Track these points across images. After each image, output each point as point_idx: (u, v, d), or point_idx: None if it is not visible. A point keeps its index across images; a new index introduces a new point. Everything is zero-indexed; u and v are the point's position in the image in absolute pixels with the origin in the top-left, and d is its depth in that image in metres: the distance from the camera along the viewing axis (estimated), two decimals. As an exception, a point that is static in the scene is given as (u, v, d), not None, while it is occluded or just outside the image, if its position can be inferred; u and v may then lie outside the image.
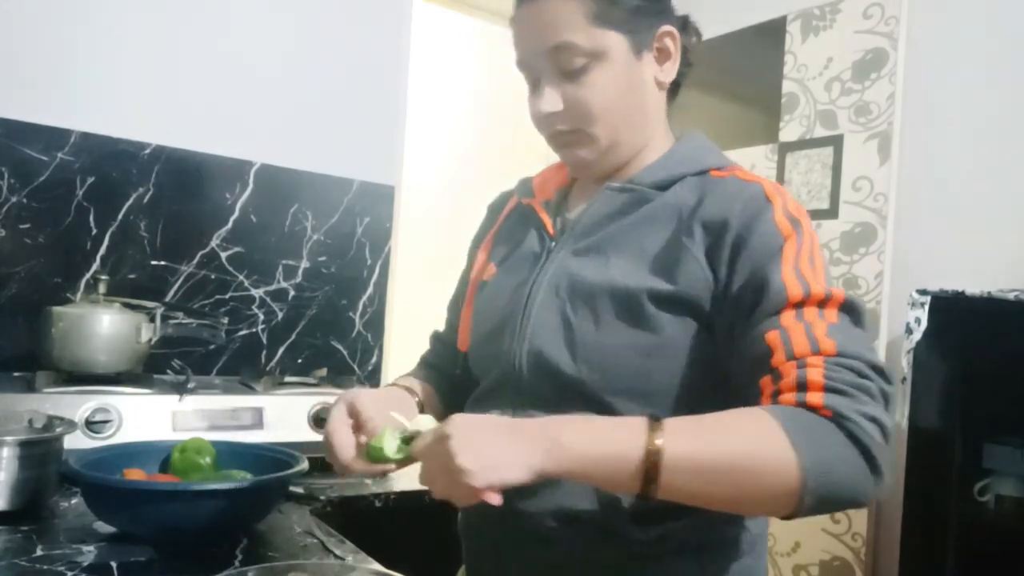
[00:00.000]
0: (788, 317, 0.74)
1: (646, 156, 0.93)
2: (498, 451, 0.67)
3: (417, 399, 1.00)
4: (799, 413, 0.68)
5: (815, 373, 0.70)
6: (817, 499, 0.69)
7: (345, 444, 0.86)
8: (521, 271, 0.95)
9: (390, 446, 0.80)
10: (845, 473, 0.68)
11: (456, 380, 1.07)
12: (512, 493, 0.70)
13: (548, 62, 0.87)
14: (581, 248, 0.90)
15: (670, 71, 0.91)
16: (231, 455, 1.13)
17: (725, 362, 0.80)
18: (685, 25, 0.94)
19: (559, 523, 0.83)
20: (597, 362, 0.83)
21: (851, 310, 0.76)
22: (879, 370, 0.71)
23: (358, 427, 0.87)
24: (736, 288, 0.79)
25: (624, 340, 0.82)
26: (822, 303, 0.75)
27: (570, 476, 0.69)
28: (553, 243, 0.94)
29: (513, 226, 1.03)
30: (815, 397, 0.69)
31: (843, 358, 0.71)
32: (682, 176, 0.90)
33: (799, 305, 0.75)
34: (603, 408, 0.82)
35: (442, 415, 0.90)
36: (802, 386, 0.70)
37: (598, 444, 0.68)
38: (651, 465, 0.66)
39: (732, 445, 0.68)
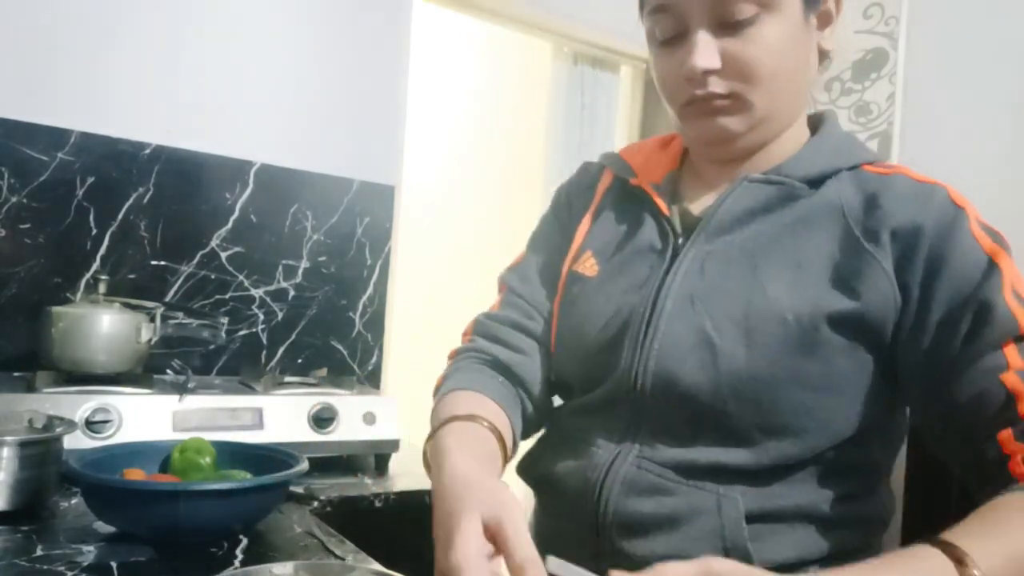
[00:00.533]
0: (1014, 353, 0.64)
1: (786, 142, 0.80)
2: None
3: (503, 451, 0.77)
4: None
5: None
6: None
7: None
8: (638, 270, 0.80)
9: None
10: None
11: (542, 394, 0.88)
12: (616, 531, 0.65)
13: (706, 7, 0.72)
14: (719, 250, 0.75)
15: (830, 39, 0.78)
16: (231, 455, 1.13)
17: (909, 399, 0.71)
18: None
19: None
20: (749, 394, 0.69)
21: None
22: None
23: (498, 553, 0.58)
24: (940, 314, 0.67)
25: (787, 371, 0.68)
26: None
27: None
28: (680, 240, 0.79)
29: (617, 210, 0.87)
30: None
31: None
32: (837, 170, 0.77)
33: (1021, 339, 0.64)
34: (743, 442, 0.70)
35: (510, 444, 0.78)
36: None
37: None
38: None
39: None
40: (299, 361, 1.90)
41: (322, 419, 1.49)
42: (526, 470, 0.87)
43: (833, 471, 0.71)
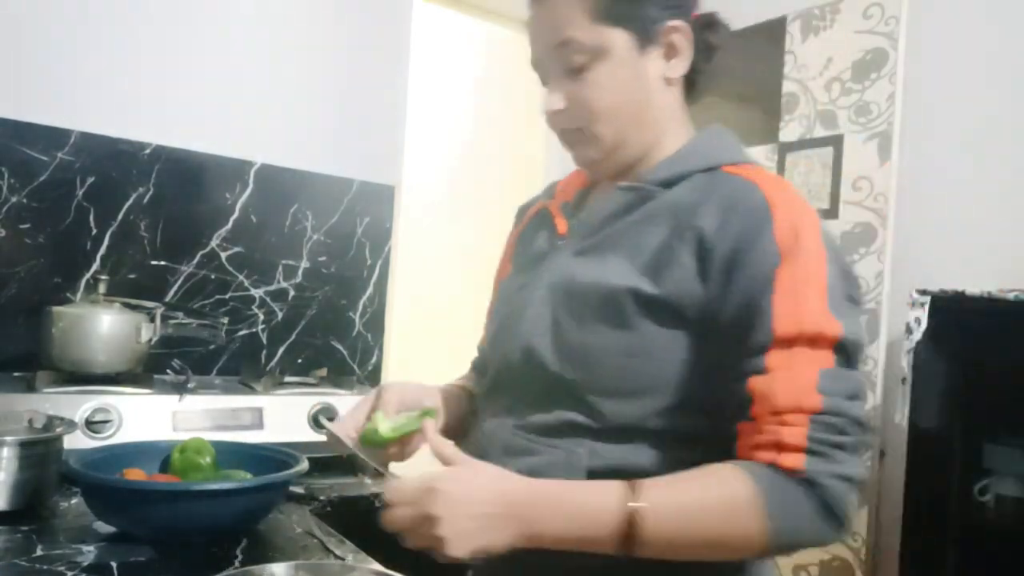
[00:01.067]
0: (775, 358, 0.72)
1: (658, 154, 0.90)
2: (476, 527, 0.70)
3: (443, 396, 0.99)
4: (775, 481, 0.70)
5: (796, 435, 0.70)
6: (779, 552, 0.73)
7: (348, 418, 0.90)
8: (528, 271, 0.94)
9: (382, 427, 0.84)
10: (811, 535, 0.72)
11: None
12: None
13: (553, 60, 0.87)
14: (583, 247, 0.88)
15: (678, 67, 0.88)
16: (231, 455, 1.13)
17: (714, 374, 0.77)
18: (710, 22, 0.91)
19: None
20: (580, 361, 0.81)
21: (844, 349, 0.73)
22: (860, 424, 0.72)
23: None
24: (727, 314, 0.76)
25: (605, 340, 0.80)
26: (814, 342, 0.72)
27: (552, 544, 0.72)
28: (560, 242, 0.92)
29: (532, 228, 1.02)
30: (793, 460, 0.70)
31: (827, 415, 0.70)
32: (689, 173, 0.86)
33: (789, 344, 0.72)
34: (589, 407, 0.81)
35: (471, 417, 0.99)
36: (781, 446, 0.70)
37: (572, 532, 0.71)
38: (627, 540, 0.70)
39: (708, 524, 0.70)
40: (299, 361, 1.90)
41: (322, 418, 1.49)
42: None
43: (676, 438, 0.79)
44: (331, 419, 1.35)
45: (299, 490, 1.33)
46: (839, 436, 0.70)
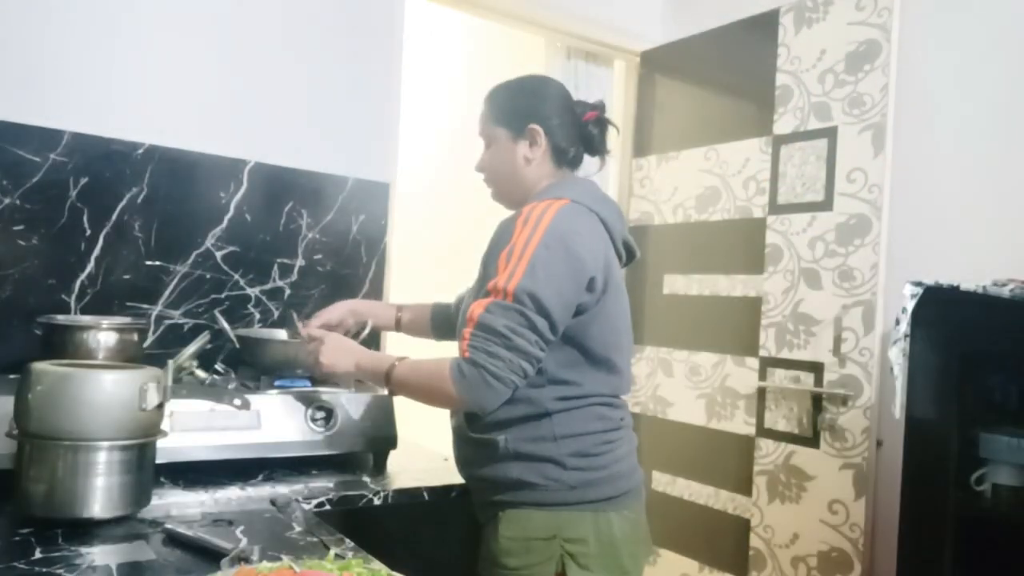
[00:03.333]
0: (482, 297, 1.24)
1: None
2: (339, 359, 1.39)
3: (399, 315, 1.70)
4: (460, 363, 1.21)
5: (467, 332, 1.21)
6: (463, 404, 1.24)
7: (315, 319, 1.62)
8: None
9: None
10: (473, 392, 1.21)
11: (451, 316, 1.64)
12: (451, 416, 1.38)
13: (481, 138, 1.46)
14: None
15: (536, 152, 1.39)
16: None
17: None
18: (596, 120, 1.43)
19: (454, 438, 1.39)
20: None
21: (521, 297, 1.20)
22: (503, 336, 1.19)
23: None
24: (485, 267, 1.29)
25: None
26: (498, 289, 1.21)
27: (365, 376, 1.39)
28: None
29: None
30: (464, 347, 1.21)
31: (482, 327, 1.20)
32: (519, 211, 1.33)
33: (490, 292, 1.22)
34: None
35: (428, 323, 1.69)
36: (461, 338, 1.22)
37: (377, 364, 1.35)
38: (388, 376, 1.31)
39: (424, 378, 1.27)
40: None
41: (320, 418, 1.48)
42: None
43: None
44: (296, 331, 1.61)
45: (298, 489, 1.33)
46: (486, 339, 1.19)
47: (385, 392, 1.53)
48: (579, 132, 1.43)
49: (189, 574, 0.91)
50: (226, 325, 1.62)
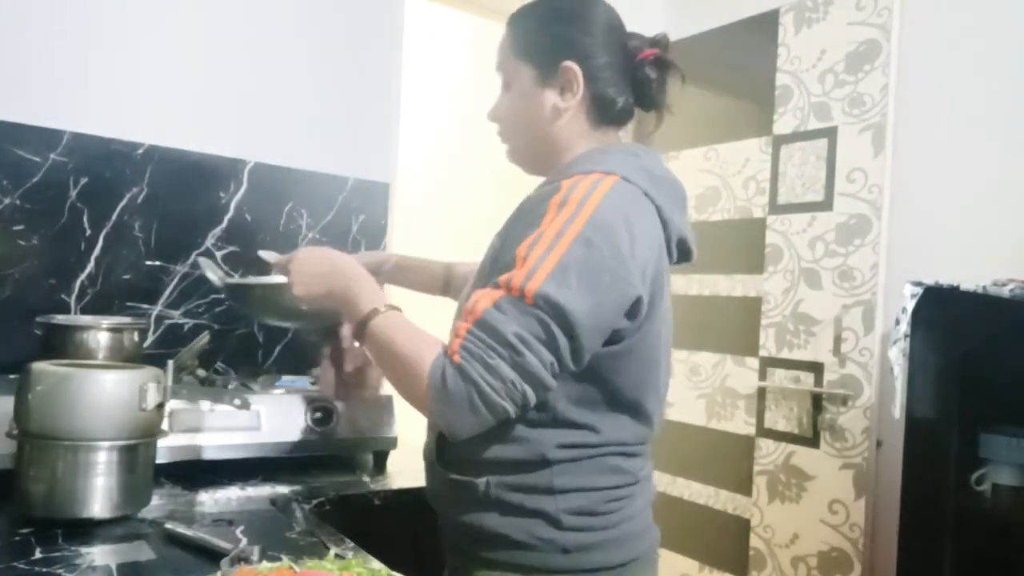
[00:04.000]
0: (490, 287, 0.93)
1: (558, 166, 1.08)
2: (314, 279, 1.08)
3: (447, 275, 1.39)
4: (447, 366, 0.90)
5: (462, 328, 0.91)
6: (436, 408, 0.91)
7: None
8: None
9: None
10: (450, 409, 0.90)
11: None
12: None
13: (498, 74, 1.13)
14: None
15: (569, 101, 1.06)
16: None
17: None
18: (658, 62, 1.07)
19: (425, 462, 1.10)
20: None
21: (541, 303, 0.89)
22: (511, 347, 0.88)
23: None
24: (497, 250, 1.00)
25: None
26: (515, 286, 0.90)
27: (343, 306, 1.04)
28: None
29: None
30: (455, 345, 0.90)
31: (484, 327, 0.90)
32: (549, 182, 1.04)
33: (503, 285, 0.92)
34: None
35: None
36: (455, 333, 0.92)
37: (359, 298, 1.01)
38: (362, 324, 0.99)
39: (404, 344, 0.94)
40: (296, 360, 1.89)
41: (320, 418, 1.48)
42: None
43: None
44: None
45: (298, 488, 1.33)
46: (487, 346, 0.89)
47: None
48: (631, 76, 1.08)
49: (189, 574, 0.91)
50: (211, 274, 1.40)
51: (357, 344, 1.07)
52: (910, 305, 1.65)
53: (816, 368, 2.14)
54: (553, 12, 1.08)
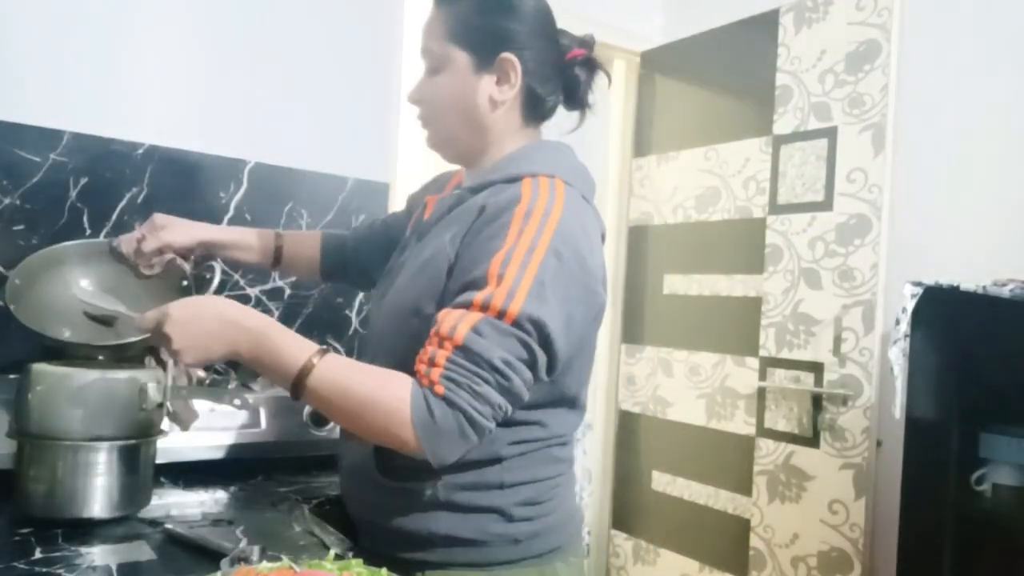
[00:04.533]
0: (462, 307, 0.90)
1: (485, 161, 1.07)
2: (208, 340, 0.91)
3: (279, 244, 1.31)
4: (430, 399, 0.87)
5: (441, 356, 0.88)
6: (425, 446, 0.88)
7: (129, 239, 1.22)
8: (392, 262, 1.15)
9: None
10: (442, 442, 0.88)
11: (346, 256, 1.36)
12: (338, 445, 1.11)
13: (423, 59, 1.08)
14: (417, 246, 1.07)
15: (506, 93, 1.04)
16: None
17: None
18: (583, 61, 1.08)
19: (347, 470, 1.10)
20: (385, 343, 1.05)
21: (522, 322, 0.88)
22: (497, 371, 0.87)
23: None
24: (456, 270, 0.95)
25: (399, 328, 1.01)
26: (493, 309, 0.88)
27: (256, 365, 0.92)
28: (413, 240, 1.11)
29: (417, 215, 1.19)
30: (435, 375, 0.87)
31: (468, 353, 0.87)
32: (493, 182, 1.01)
33: (479, 307, 0.89)
34: (404, 367, 0.95)
35: (320, 261, 1.35)
36: (431, 362, 0.88)
37: (281, 352, 0.90)
38: (300, 378, 0.88)
39: (361, 388, 0.88)
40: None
41: (319, 417, 1.48)
42: None
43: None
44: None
45: (300, 489, 1.33)
46: (472, 373, 0.87)
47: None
48: (561, 74, 1.08)
49: (189, 574, 0.91)
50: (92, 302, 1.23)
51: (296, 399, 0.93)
52: (910, 305, 1.65)
53: (816, 368, 2.14)
54: (491, 1, 1.04)
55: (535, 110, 1.08)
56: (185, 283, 1.27)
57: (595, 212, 1.04)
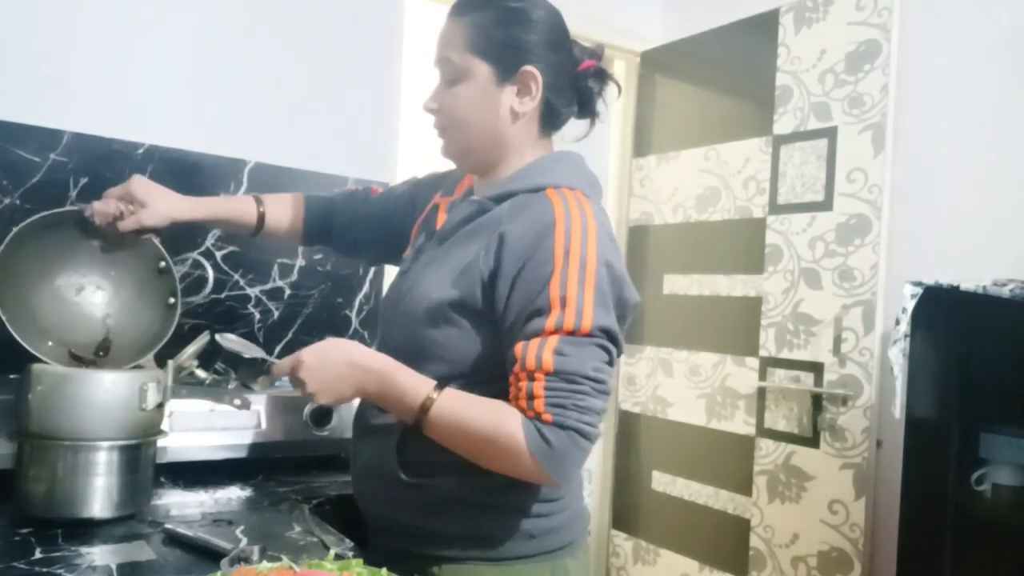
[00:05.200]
0: (535, 336, 0.94)
1: (504, 171, 1.09)
2: (340, 383, 1.00)
3: (261, 211, 1.31)
4: (540, 427, 0.92)
5: (538, 387, 0.93)
6: (548, 471, 0.93)
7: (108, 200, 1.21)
8: (411, 260, 1.15)
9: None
10: (563, 463, 0.94)
11: (333, 222, 1.36)
12: (353, 444, 1.14)
13: (439, 69, 1.09)
14: (435, 251, 1.09)
15: (527, 104, 1.06)
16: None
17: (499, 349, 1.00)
18: (596, 73, 1.11)
19: (362, 468, 1.12)
20: (405, 342, 1.06)
21: (596, 334, 0.94)
22: (593, 380, 0.94)
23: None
24: (512, 303, 0.98)
25: (421, 330, 1.04)
26: (566, 329, 0.93)
27: (381, 402, 1.00)
28: (431, 241, 1.12)
29: (426, 219, 1.20)
30: (539, 405, 0.92)
31: (561, 375, 0.92)
32: (516, 192, 1.04)
33: (552, 332, 0.94)
34: (414, 366, 1.02)
35: (303, 226, 1.34)
36: (529, 396, 0.93)
37: (405, 389, 0.98)
38: (421, 417, 0.96)
39: (480, 422, 0.95)
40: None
41: (320, 417, 1.48)
42: None
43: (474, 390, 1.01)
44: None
45: (300, 489, 1.33)
46: (573, 392, 0.92)
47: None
48: (574, 85, 1.11)
49: (189, 574, 0.91)
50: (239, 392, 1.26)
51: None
52: (910, 305, 1.65)
53: (816, 368, 2.14)
54: (511, 13, 1.05)
55: (551, 121, 1.11)
56: (163, 264, 1.28)
57: (608, 222, 1.07)
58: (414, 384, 0.98)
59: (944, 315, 1.65)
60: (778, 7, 2.32)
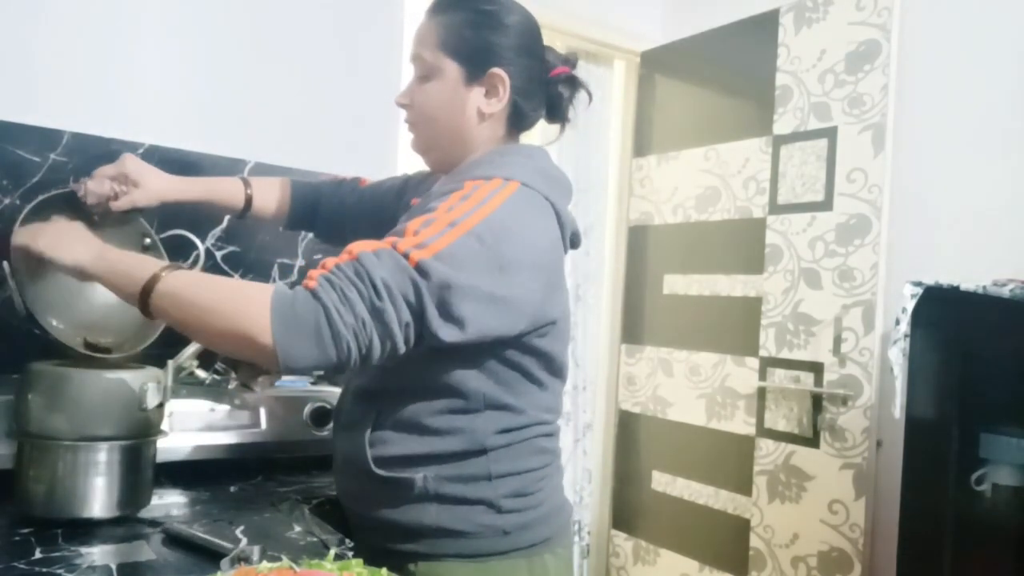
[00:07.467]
0: (374, 240, 0.93)
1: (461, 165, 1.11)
2: (63, 245, 1.01)
3: (248, 192, 1.34)
4: (285, 289, 0.89)
5: (331, 262, 0.90)
6: (282, 352, 0.86)
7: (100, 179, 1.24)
8: None
9: None
10: (294, 336, 0.86)
11: (319, 209, 1.39)
12: (333, 441, 1.13)
13: (413, 65, 1.12)
14: None
15: (494, 106, 1.07)
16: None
17: None
18: (566, 79, 1.12)
19: (340, 463, 1.12)
20: None
21: (418, 267, 0.89)
22: (375, 288, 0.87)
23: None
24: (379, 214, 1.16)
25: None
26: (399, 248, 0.90)
27: (111, 275, 0.97)
28: None
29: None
30: (315, 273, 0.90)
31: (356, 265, 0.88)
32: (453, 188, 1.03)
33: (391, 244, 0.91)
34: (368, 370, 1.04)
35: (289, 207, 1.37)
36: (321, 265, 0.91)
37: (128, 267, 0.96)
38: (147, 289, 0.91)
39: (216, 294, 0.90)
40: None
41: (320, 418, 1.48)
42: None
43: (426, 393, 1.03)
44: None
45: (300, 489, 1.33)
46: (352, 282, 0.87)
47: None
48: (544, 90, 1.12)
49: (189, 574, 0.91)
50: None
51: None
52: (910, 305, 1.65)
53: (816, 368, 2.14)
54: (484, 16, 1.07)
55: (518, 123, 1.12)
56: (148, 241, 1.31)
57: (559, 215, 1.05)
58: (140, 259, 1.00)
59: (944, 315, 1.65)
60: (778, 7, 2.32)
